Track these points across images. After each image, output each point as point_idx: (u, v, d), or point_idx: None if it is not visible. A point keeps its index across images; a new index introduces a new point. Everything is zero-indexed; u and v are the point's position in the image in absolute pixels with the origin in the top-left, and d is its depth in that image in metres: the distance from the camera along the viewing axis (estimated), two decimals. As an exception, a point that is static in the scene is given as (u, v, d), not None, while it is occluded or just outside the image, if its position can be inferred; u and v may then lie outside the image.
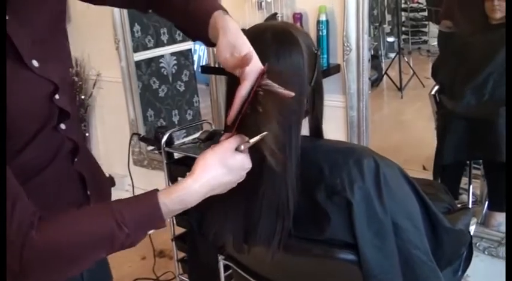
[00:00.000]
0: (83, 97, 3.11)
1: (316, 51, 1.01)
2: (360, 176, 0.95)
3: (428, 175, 2.19)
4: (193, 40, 1.03)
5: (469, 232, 1.27)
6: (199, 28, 0.93)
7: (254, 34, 0.98)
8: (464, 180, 2.23)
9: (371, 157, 0.98)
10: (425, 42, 2.89)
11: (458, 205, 1.42)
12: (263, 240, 0.98)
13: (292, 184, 0.95)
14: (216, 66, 2.31)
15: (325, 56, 2.00)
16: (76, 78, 3.07)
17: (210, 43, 0.94)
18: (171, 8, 1.01)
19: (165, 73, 3.12)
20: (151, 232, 0.78)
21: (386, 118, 3.01)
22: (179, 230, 2.19)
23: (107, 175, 0.76)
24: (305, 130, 1.03)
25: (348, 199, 0.94)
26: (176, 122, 3.19)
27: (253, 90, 0.83)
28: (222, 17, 0.90)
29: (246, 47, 0.85)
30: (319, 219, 0.97)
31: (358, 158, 0.97)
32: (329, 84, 1.05)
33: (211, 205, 1.03)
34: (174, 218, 2.15)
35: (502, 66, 2.01)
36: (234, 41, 0.86)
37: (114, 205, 0.77)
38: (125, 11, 2.80)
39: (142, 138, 2.45)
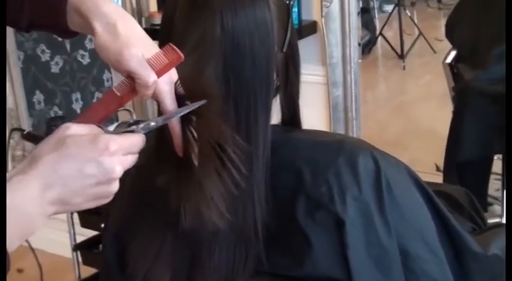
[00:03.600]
0: None
1: (288, 2, 1.01)
2: (354, 182, 0.95)
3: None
4: (27, 30, 1.02)
5: (507, 258, 1.30)
6: (50, 14, 0.93)
7: None
8: (495, 185, 2.28)
9: (368, 154, 0.99)
10: (435, -11, 2.94)
11: (490, 221, 1.45)
12: (219, 276, 0.97)
13: (260, 200, 0.95)
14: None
15: (296, 9, 2.00)
16: None
17: (66, 33, 0.97)
18: None
19: (59, 38, 3.06)
20: None
21: (382, 98, 3.05)
22: (87, 271, 2.16)
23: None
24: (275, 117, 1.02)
25: (338, 215, 0.94)
26: (79, 111, 3.15)
27: None
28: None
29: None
30: (296, 245, 0.97)
31: (350, 156, 0.97)
32: (302, 50, 1.07)
33: (139, 232, 1.01)
34: (78, 254, 2.11)
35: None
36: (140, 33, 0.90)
37: None
38: None
39: (28, 136, 2.40)
